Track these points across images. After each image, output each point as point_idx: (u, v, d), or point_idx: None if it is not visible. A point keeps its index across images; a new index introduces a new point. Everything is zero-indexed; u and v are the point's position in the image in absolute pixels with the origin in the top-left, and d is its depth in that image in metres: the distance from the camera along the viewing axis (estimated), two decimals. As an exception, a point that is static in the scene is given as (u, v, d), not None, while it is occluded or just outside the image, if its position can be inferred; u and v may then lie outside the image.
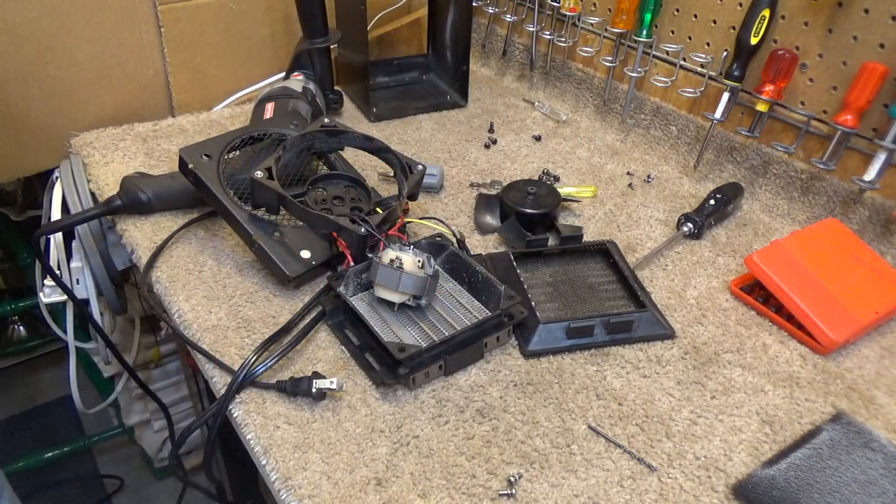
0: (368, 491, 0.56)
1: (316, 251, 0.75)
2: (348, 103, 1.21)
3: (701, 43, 0.99)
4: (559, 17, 1.16)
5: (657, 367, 0.69)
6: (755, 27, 0.87)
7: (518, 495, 0.56)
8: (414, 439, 0.60)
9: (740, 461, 0.59)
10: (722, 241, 0.88)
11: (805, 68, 0.87)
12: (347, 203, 0.81)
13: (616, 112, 1.13)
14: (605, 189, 0.98)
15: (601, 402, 0.65)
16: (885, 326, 0.75)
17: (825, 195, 0.88)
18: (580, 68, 1.17)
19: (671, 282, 0.81)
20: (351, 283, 0.71)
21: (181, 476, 0.85)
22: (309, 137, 0.82)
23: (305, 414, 0.62)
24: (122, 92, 1.11)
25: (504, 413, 0.63)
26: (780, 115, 0.91)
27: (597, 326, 0.70)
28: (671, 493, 0.56)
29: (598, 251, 0.83)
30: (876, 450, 0.59)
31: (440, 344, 0.64)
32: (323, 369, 0.66)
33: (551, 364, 0.69)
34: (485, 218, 0.89)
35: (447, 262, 0.75)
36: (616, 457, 0.59)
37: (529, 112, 1.20)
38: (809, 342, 0.71)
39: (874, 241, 0.83)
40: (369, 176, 0.97)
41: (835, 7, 0.82)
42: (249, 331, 0.71)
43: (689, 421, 0.63)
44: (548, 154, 1.07)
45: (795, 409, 0.65)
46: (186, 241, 0.83)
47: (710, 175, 1.00)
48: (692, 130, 1.02)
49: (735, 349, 0.71)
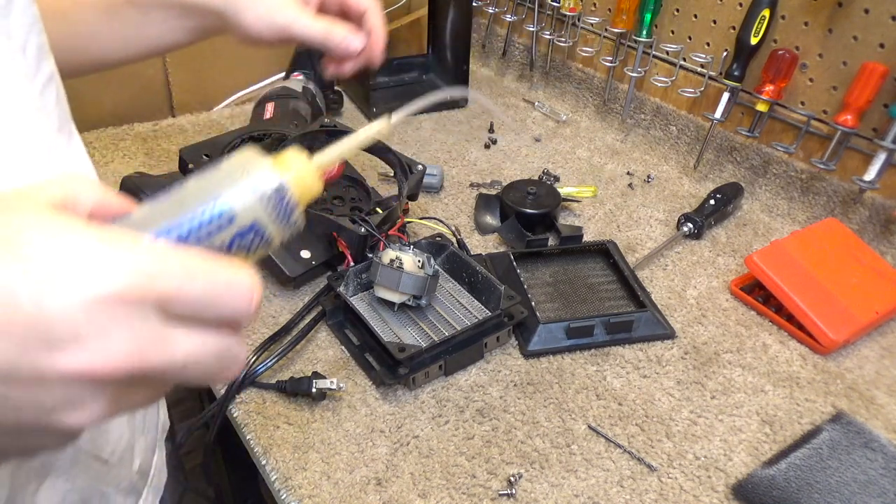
0: (368, 491, 0.56)
1: (316, 251, 0.75)
2: (348, 103, 1.21)
3: (701, 43, 0.99)
4: (559, 17, 1.16)
5: (657, 367, 0.69)
6: (755, 27, 0.87)
7: (518, 495, 0.56)
8: (414, 439, 0.60)
9: (740, 461, 0.59)
10: (722, 241, 0.88)
11: (805, 68, 0.87)
12: (347, 203, 0.81)
13: (616, 112, 1.13)
14: (605, 189, 0.98)
15: (601, 402, 0.65)
16: (885, 326, 0.75)
17: (825, 195, 0.88)
18: (580, 68, 1.17)
19: (671, 282, 0.81)
20: (351, 283, 0.71)
21: (181, 479, 0.85)
22: (309, 137, 0.82)
23: (305, 414, 0.62)
24: (122, 92, 1.11)
25: (504, 413, 0.63)
26: (780, 115, 0.91)
27: (597, 326, 0.70)
28: (671, 493, 0.56)
29: (598, 251, 0.83)
30: (876, 450, 0.59)
31: (440, 344, 0.64)
32: (323, 369, 0.66)
33: (551, 364, 0.69)
34: (485, 218, 0.89)
35: (447, 262, 0.75)
36: (616, 457, 0.59)
37: (529, 112, 1.20)
38: (809, 342, 0.71)
39: (874, 241, 0.83)
40: (369, 176, 0.97)
41: (835, 7, 0.82)
42: (249, 331, 0.71)
43: (689, 421, 0.63)
44: (548, 154, 1.07)
45: (795, 409, 0.65)
46: (186, 241, 0.82)
47: (710, 175, 1.00)
48: (692, 130, 1.02)
49: (735, 349, 0.71)
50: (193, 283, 0.24)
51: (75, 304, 0.21)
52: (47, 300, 0.21)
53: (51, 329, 0.21)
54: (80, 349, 0.22)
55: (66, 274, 0.22)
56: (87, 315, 0.22)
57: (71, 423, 0.23)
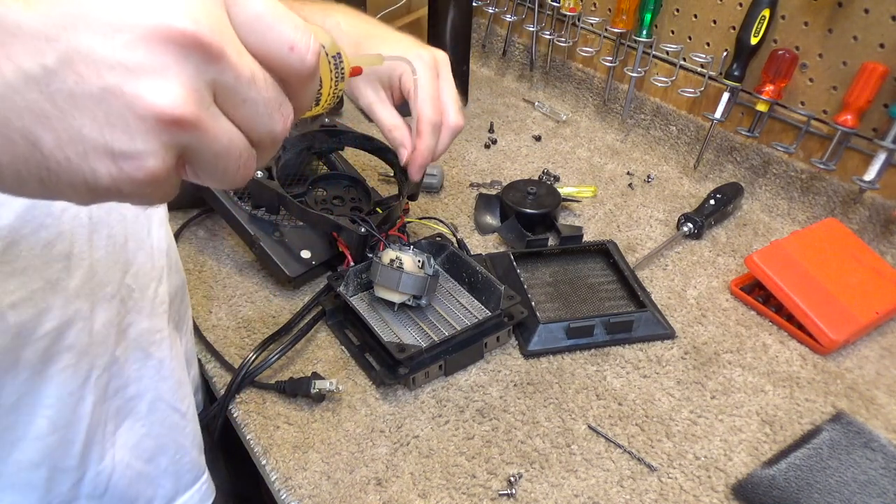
0: (368, 491, 0.56)
1: (316, 251, 0.75)
2: (348, 103, 1.21)
3: (701, 43, 0.99)
4: (559, 17, 1.16)
5: (657, 367, 0.69)
6: (755, 27, 0.87)
7: (518, 495, 0.56)
8: (414, 439, 0.60)
9: (740, 461, 0.59)
10: (722, 241, 0.88)
11: (805, 68, 0.87)
12: (347, 203, 0.81)
13: (616, 112, 1.13)
14: (605, 189, 0.98)
15: (601, 402, 0.65)
16: (885, 326, 0.75)
17: (825, 195, 0.88)
18: (580, 68, 1.17)
19: (671, 282, 0.81)
20: (351, 283, 0.71)
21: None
22: (309, 137, 0.82)
23: (305, 414, 0.62)
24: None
25: (504, 413, 0.63)
26: (780, 115, 0.91)
27: (597, 326, 0.70)
28: (671, 493, 0.56)
29: (598, 251, 0.82)
30: (876, 450, 0.59)
31: (440, 344, 0.64)
32: (323, 369, 0.66)
33: (551, 364, 0.69)
34: (485, 218, 0.89)
35: (447, 262, 0.75)
36: (616, 457, 0.59)
37: (529, 112, 1.20)
38: (809, 342, 0.71)
39: (874, 241, 0.83)
40: (369, 176, 0.97)
41: (835, 7, 0.82)
42: (249, 331, 0.71)
43: (689, 421, 0.63)
44: (548, 154, 1.07)
45: (795, 409, 0.65)
46: (186, 241, 0.83)
47: (710, 175, 1.00)
48: (692, 130, 1.02)
49: (735, 349, 0.71)
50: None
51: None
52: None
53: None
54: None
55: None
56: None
57: (146, 94, 0.22)
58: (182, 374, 0.55)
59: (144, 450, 0.51)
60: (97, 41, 0.21)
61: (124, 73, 0.21)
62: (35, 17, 0.20)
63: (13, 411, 0.42)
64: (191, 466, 0.57)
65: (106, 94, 0.21)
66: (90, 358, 0.45)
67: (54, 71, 0.20)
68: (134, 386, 0.50)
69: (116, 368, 0.48)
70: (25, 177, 0.22)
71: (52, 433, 0.44)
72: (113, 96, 0.21)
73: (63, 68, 0.21)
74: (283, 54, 0.25)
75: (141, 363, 0.50)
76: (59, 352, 0.43)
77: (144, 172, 0.22)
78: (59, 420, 0.44)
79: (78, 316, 0.43)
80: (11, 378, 0.41)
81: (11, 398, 0.41)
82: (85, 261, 0.43)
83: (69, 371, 0.43)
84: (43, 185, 0.22)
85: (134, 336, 0.49)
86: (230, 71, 0.23)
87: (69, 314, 0.43)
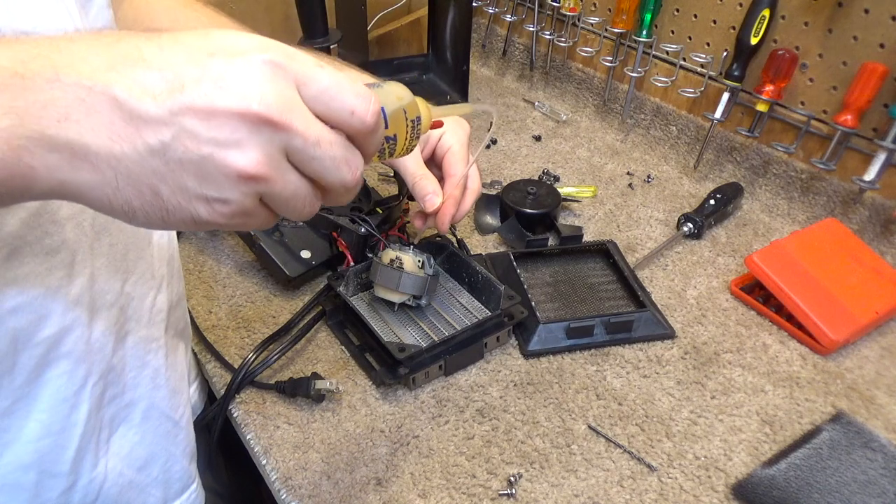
0: (368, 491, 0.56)
1: (316, 251, 0.75)
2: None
3: (701, 43, 0.99)
4: (559, 17, 1.16)
5: (657, 367, 0.69)
6: (755, 27, 0.87)
7: (518, 495, 0.56)
8: (414, 439, 0.60)
9: (740, 461, 0.59)
10: (722, 241, 0.88)
11: (805, 68, 0.87)
12: (347, 203, 0.81)
13: (616, 112, 1.13)
14: (605, 189, 0.98)
15: (601, 402, 0.65)
16: (885, 326, 0.75)
17: (825, 195, 0.88)
18: (580, 68, 1.17)
19: (671, 282, 0.81)
20: (351, 283, 0.71)
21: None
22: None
23: (305, 414, 0.62)
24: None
25: (504, 413, 0.63)
26: (780, 115, 0.91)
27: (597, 326, 0.70)
28: (671, 493, 0.56)
29: (598, 251, 0.83)
30: (876, 450, 0.59)
31: (440, 344, 0.64)
32: (323, 369, 0.66)
33: (551, 364, 0.69)
34: (485, 218, 0.89)
35: (447, 262, 0.75)
36: (616, 457, 0.59)
37: (529, 112, 1.20)
38: (809, 342, 0.71)
39: (874, 241, 0.83)
40: (369, 176, 0.97)
41: (835, 7, 0.82)
42: (249, 331, 0.71)
43: (689, 421, 0.63)
44: (548, 154, 1.07)
45: (795, 409, 0.65)
46: (186, 241, 0.83)
47: (710, 175, 1.00)
48: (692, 130, 1.02)
49: (735, 349, 0.71)
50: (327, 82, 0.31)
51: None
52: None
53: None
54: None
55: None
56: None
57: (234, 161, 0.29)
58: (178, 382, 0.56)
59: (137, 458, 0.52)
60: (197, 124, 0.28)
61: (216, 145, 0.29)
62: (155, 106, 0.28)
63: (7, 415, 0.42)
64: (181, 475, 0.57)
65: (203, 160, 0.29)
66: (87, 365, 0.45)
67: (169, 145, 0.28)
68: (129, 394, 0.50)
69: (113, 376, 0.48)
70: (151, 216, 0.30)
71: (45, 437, 0.44)
72: (208, 161, 0.29)
73: (175, 143, 0.28)
74: (345, 117, 0.32)
75: (137, 371, 0.50)
76: (56, 358, 0.43)
77: (231, 211, 0.31)
78: (53, 425, 0.44)
79: (77, 323, 0.43)
80: (7, 382, 0.41)
81: (6, 402, 0.41)
82: (86, 269, 0.44)
83: (65, 377, 0.44)
84: (163, 221, 0.31)
85: (131, 344, 0.49)
86: (298, 137, 0.30)
87: (68, 321, 0.43)
